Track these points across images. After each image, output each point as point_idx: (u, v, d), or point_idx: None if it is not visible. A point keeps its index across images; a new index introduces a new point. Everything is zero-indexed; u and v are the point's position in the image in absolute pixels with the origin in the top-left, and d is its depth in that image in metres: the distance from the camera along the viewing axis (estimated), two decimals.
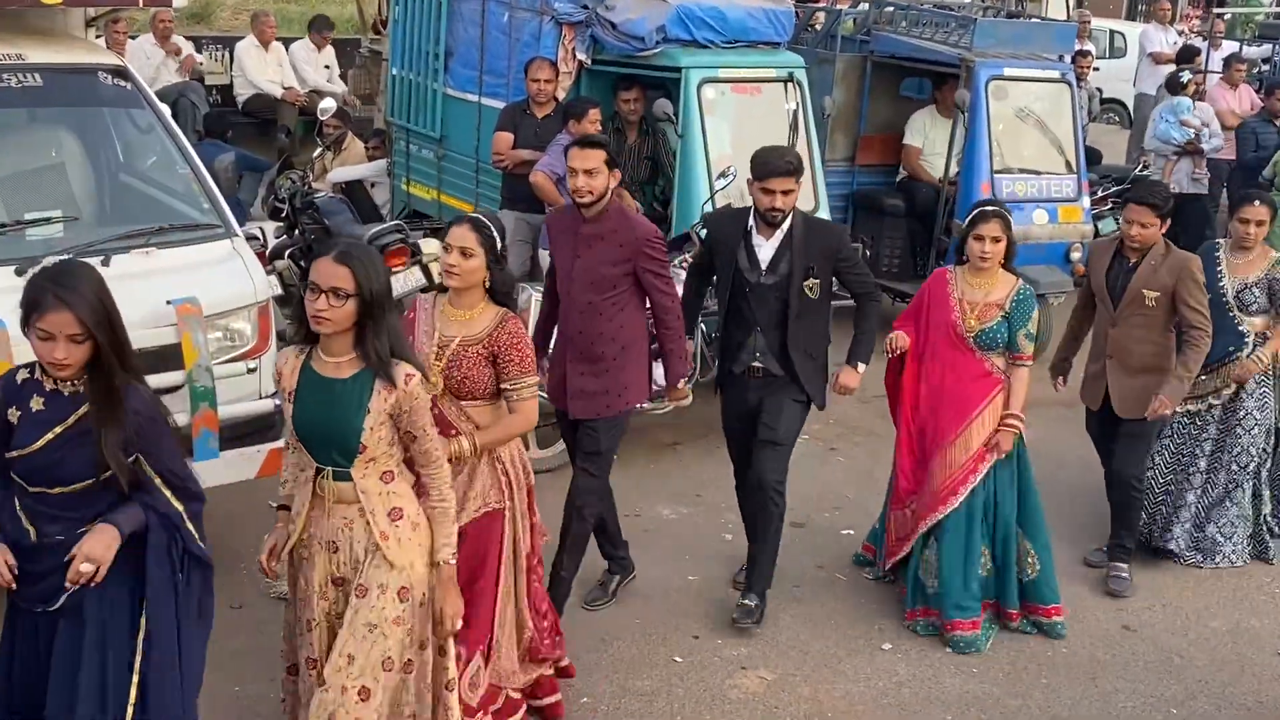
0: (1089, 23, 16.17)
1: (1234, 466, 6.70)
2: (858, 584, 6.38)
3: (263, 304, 5.73)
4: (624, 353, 5.52)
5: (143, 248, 5.50)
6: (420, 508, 4.04)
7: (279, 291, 8.18)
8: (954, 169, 9.54)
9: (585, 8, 8.53)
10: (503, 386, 4.60)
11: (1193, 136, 11.40)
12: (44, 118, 6.15)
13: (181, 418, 5.26)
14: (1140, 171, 12.03)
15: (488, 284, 4.57)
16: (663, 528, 6.79)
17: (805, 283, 5.59)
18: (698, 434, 7.79)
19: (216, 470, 5.28)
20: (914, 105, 10.22)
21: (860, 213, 10.25)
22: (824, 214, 8.62)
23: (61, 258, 4.13)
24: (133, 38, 12.22)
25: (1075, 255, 9.43)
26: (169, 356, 5.26)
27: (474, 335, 4.54)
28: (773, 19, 8.65)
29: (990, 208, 5.85)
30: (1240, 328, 6.59)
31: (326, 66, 13.46)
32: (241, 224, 6.35)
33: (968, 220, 5.81)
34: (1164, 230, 6.22)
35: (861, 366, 5.76)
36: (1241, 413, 6.65)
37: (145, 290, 4.36)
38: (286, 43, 13.32)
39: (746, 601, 5.83)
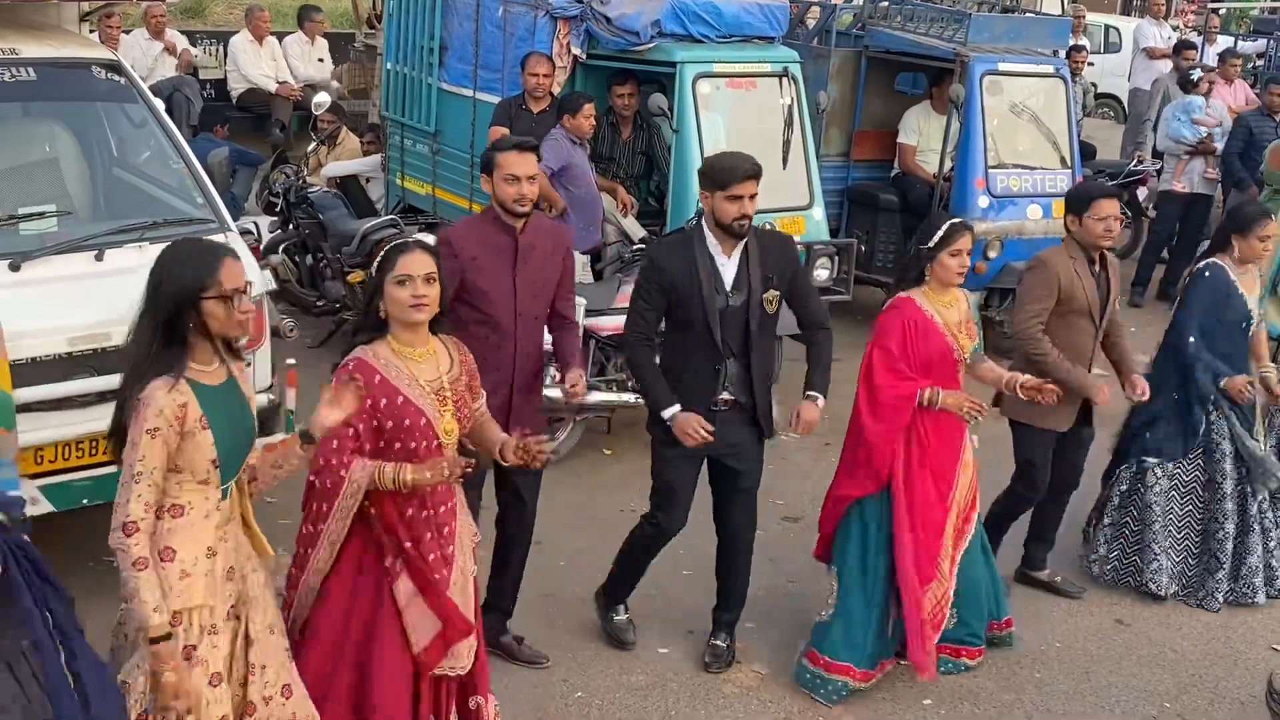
0: (1084, 18, 16.18)
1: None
2: None
3: (257, 299, 5.72)
4: (545, 366, 5.45)
5: (136, 242, 5.50)
6: None
7: (273, 286, 8.17)
8: (948, 165, 9.53)
9: (580, 2, 8.53)
10: (475, 406, 4.37)
11: (1205, 135, 11.37)
12: (38, 112, 6.15)
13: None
14: (1134, 166, 12.05)
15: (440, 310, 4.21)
16: None
17: (765, 295, 5.15)
18: None
19: None
20: (909, 100, 10.21)
21: (855, 208, 10.25)
22: (819, 209, 8.63)
23: None
24: (126, 32, 12.20)
25: None
26: None
27: (452, 372, 4.23)
28: (768, 14, 8.65)
29: (957, 220, 5.40)
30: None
31: (320, 60, 13.45)
32: (236, 219, 6.37)
33: (939, 237, 5.28)
34: None
35: (821, 401, 5.26)
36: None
37: (139, 285, 4.34)
38: (280, 37, 13.30)
39: (718, 643, 5.62)
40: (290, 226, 9.32)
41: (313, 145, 10.85)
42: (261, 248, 8.82)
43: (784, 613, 6.02)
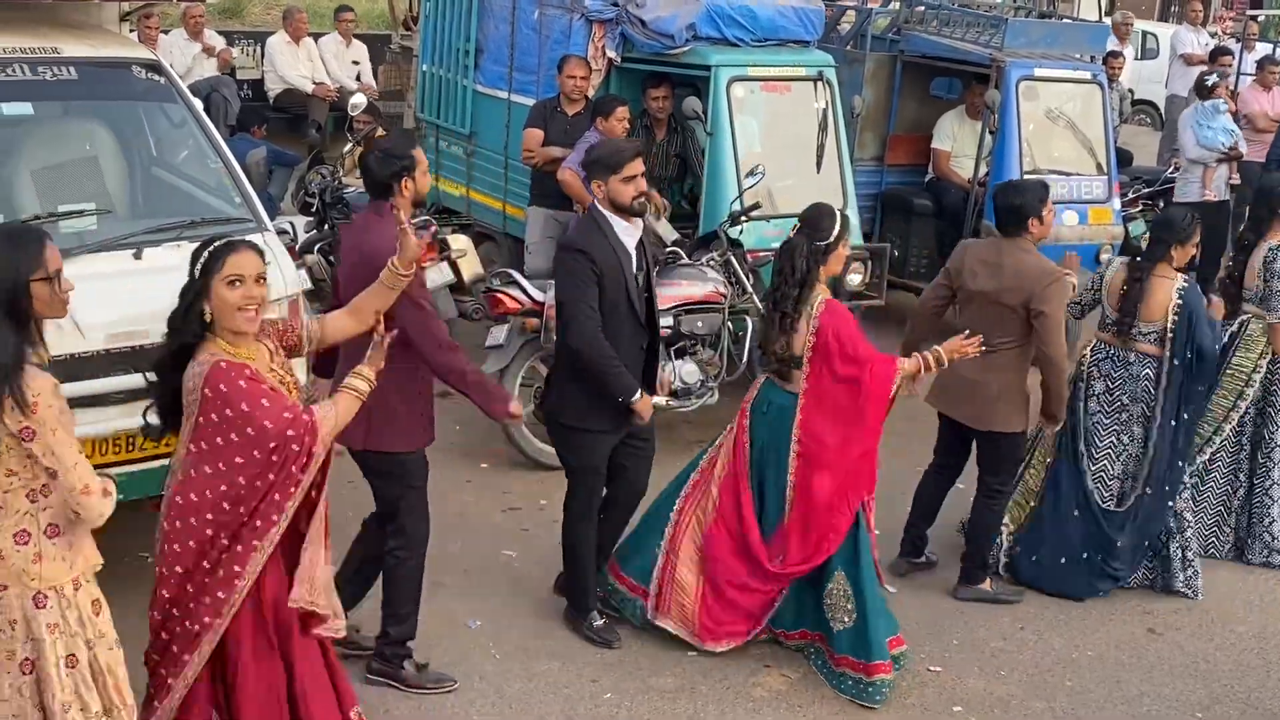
0: (1131, 24, 16.05)
1: None
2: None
3: (293, 298, 5.75)
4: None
5: (174, 241, 5.53)
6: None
7: (309, 286, 8.20)
8: (983, 170, 9.50)
9: (615, 5, 8.54)
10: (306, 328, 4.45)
11: (1234, 142, 11.28)
12: (78, 111, 6.20)
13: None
14: (1171, 173, 11.96)
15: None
16: None
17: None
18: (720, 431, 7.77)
19: None
20: (944, 105, 10.19)
21: (888, 213, 10.22)
22: (852, 214, 8.60)
23: None
24: (165, 33, 12.30)
25: (1105, 257, 9.38)
26: None
27: (277, 357, 4.25)
28: (803, 18, 8.64)
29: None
30: None
31: (355, 62, 13.52)
32: (272, 218, 6.39)
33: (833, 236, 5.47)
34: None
35: None
36: None
37: (177, 283, 4.38)
38: (316, 38, 13.38)
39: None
40: (326, 226, 9.36)
41: (348, 146, 10.87)
42: (297, 248, 8.87)
43: None
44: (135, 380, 5.16)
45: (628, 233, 5.39)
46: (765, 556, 5.44)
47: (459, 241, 8.60)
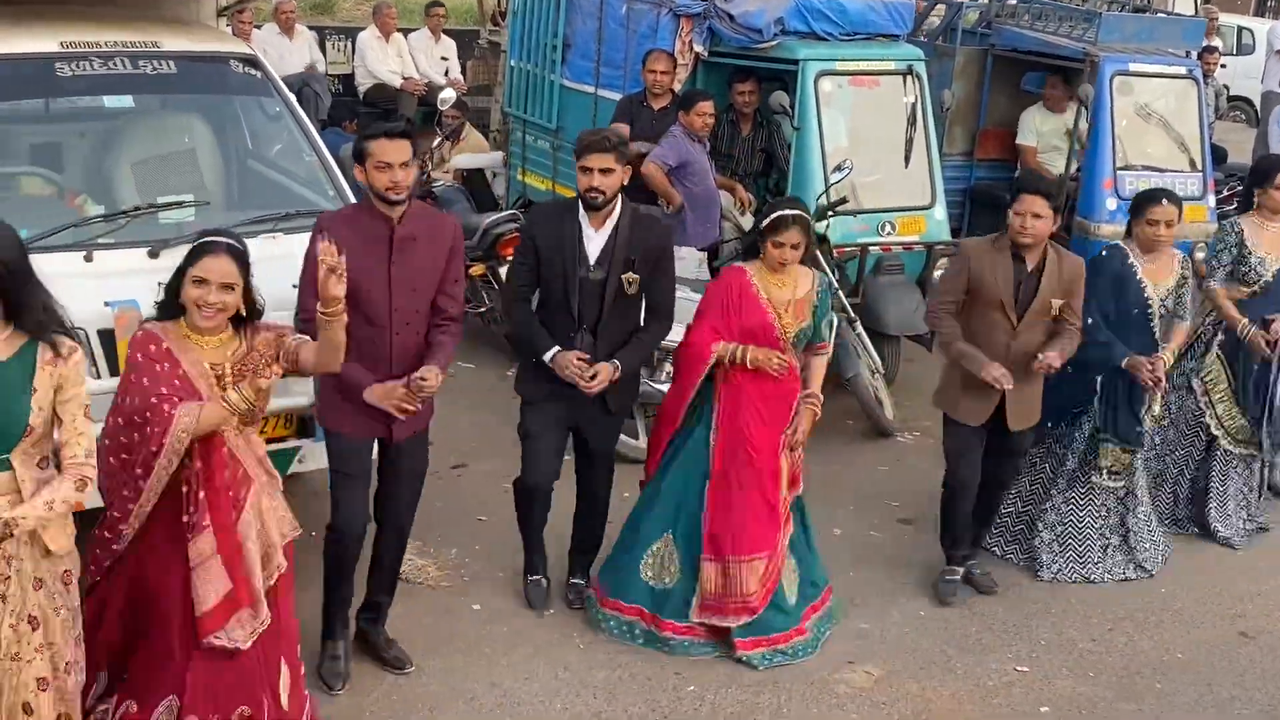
0: (1216, 19, 15.78)
1: None
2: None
3: None
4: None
5: (270, 232, 5.63)
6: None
7: None
8: (1074, 165, 9.38)
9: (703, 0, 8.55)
10: (285, 341, 4.29)
11: None
12: (177, 104, 6.33)
13: (303, 399, 5.42)
14: None
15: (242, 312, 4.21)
16: None
17: (624, 275, 5.34)
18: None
19: None
20: (1035, 100, 10.07)
21: (977, 208, 10.12)
22: (940, 209, 8.54)
23: None
24: (257, 27, 12.49)
25: (1199, 255, 9.23)
26: None
27: (238, 351, 4.23)
28: (892, 11, 8.58)
29: (791, 212, 5.43)
30: (1155, 336, 6.26)
31: (444, 58, 13.64)
32: None
33: (765, 223, 5.45)
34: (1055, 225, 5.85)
35: (619, 370, 5.38)
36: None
37: (272, 274, 4.46)
38: (406, 33, 13.52)
39: (577, 580, 5.93)
40: None
41: (437, 140, 10.99)
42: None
43: (899, 616, 5.98)
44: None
45: (589, 226, 5.33)
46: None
47: None
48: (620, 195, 5.36)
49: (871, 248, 8.10)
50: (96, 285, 5.14)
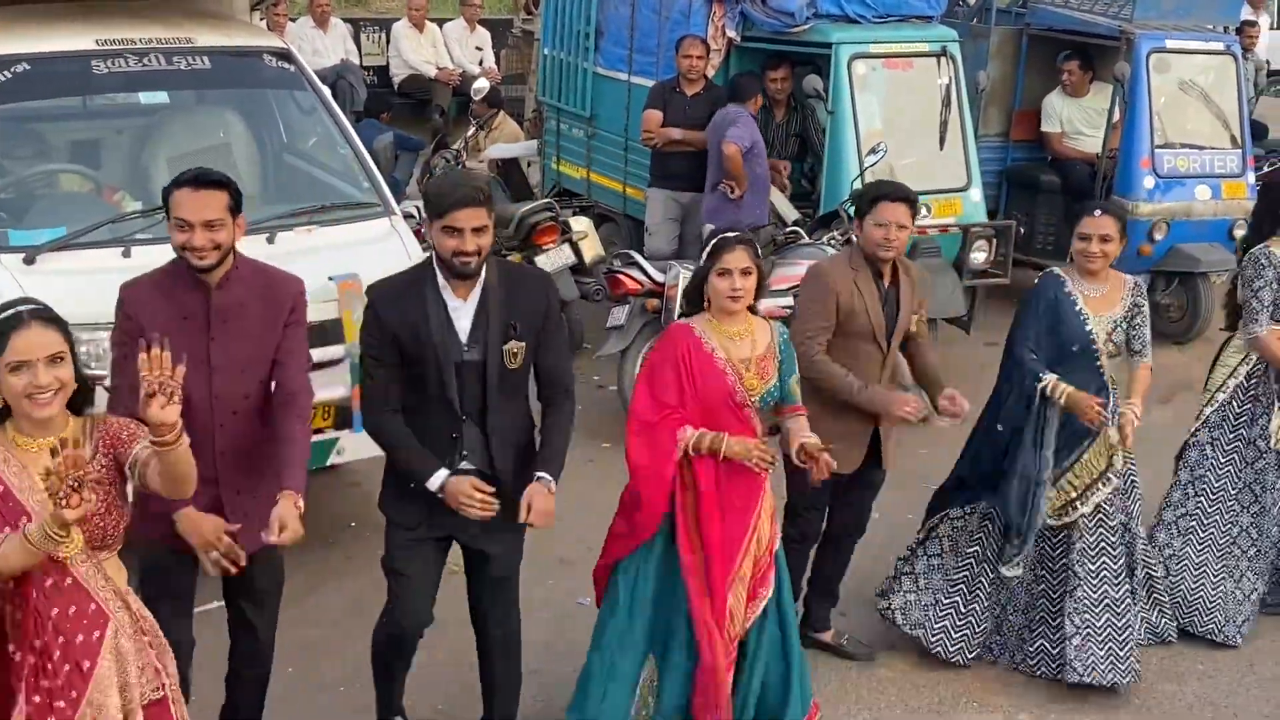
0: None
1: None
2: None
3: None
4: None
5: (305, 225, 5.68)
6: None
7: None
8: (1112, 143, 9.32)
9: None
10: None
11: None
12: (211, 99, 6.39)
13: (341, 390, 5.45)
14: None
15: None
16: None
17: (505, 347, 4.15)
18: None
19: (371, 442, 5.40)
20: None
21: (1014, 189, 10.08)
22: (976, 191, 8.50)
23: None
24: (292, 20, 12.56)
25: (1239, 232, 9.16)
26: (330, 331, 5.44)
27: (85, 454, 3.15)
28: None
29: (732, 234, 4.41)
30: (1104, 378, 5.17)
31: (478, 48, 13.68)
32: (398, 202, 6.51)
33: (705, 253, 4.41)
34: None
35: (553, 484, 4.18)
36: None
37: (308, 267, 4.49)
38: (441, 23, 13.56)
39: None
40: None
41: (471, 130, 11.03)
42: (423, 231, 8.99)
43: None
44: None
45: (454, 297, 4.14)
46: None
47: (580, 223, 8.68)
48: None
49: None
50: None
